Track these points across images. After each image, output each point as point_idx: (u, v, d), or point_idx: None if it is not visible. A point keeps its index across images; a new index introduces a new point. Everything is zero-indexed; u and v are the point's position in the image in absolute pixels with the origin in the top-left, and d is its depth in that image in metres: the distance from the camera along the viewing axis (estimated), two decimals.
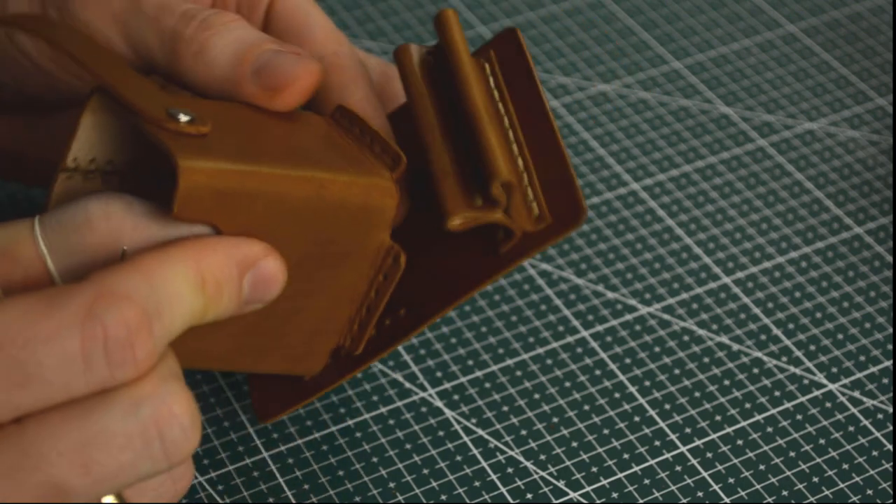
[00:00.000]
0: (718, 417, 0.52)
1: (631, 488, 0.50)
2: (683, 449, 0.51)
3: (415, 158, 0.49)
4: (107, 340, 0.36)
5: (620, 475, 0.50)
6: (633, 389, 0.53)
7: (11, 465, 0.36)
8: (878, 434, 0.52)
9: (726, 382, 0.53)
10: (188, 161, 0.40)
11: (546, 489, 0.50)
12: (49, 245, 0.39)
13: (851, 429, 0.52)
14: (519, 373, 0.54)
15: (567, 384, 0.53)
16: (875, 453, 0.51)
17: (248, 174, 0.41)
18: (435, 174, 0.44)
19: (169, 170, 0.46)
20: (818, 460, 0.51)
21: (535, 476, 0.50)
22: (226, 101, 0.45)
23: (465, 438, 0.51)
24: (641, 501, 0.50)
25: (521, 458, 0.51)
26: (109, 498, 0.38)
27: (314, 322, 0.46)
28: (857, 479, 0.50)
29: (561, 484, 0.50)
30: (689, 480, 0.50)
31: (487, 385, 0.53)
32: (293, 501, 0.49)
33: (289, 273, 0.44)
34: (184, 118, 0.41)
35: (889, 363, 0.54)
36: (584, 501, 0.50)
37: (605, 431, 0.52)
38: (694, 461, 0.51)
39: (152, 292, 0.37)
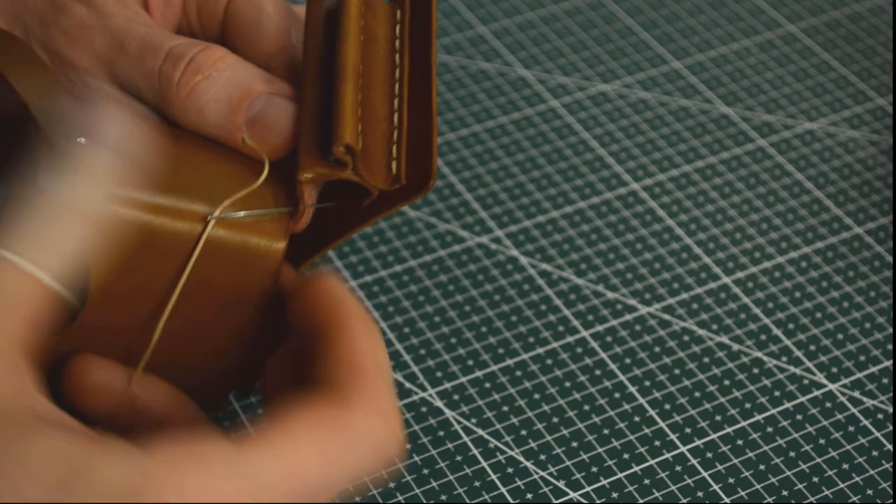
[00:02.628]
0: (718, 417, 0.52)
1: (631, 488, 0.50)
2: (683, 449, 0.51)
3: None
4: (384, 455, 0.39)
5: (620, 475, 0.50)
6: (633, 389, 0.53)
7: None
8: (878, 434, 0.52)
9: (726, 382, 0.53)
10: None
11: (546, 489, 0.50)
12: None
13: (851, 429, 0.52)
14: (519, 373, 0.54)
15: (567, 384, 0.53)
16: (875, 453, 0.51)
17: (124, 199, 0.41)
18: (300, 129, 0.44)
19: None
20: (818, 460, 0.51)
21: (535, 476, 0.50)
22: (162, 128, 0.45)
23: (465, 438, 0.51)
24: (641, 501, 0.50)
25: (521, 458, 0.51)
26: None
27: (201, 362, 0.46)
28: (857, 479, 0.50)
29: (561, 484, 0.50)
30: (689, 480, 0.50)
31: (487, 385, 0.53)
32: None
33: (171, 309, 0.43)
34: None
35: (889, 363, 0.54)
36: (584, 501, 0.50)
37: (605, 431, 0.52)
38: (694, 461, 0.51)
39: (392, 393, 0.40)
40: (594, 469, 0.51)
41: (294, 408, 0.38)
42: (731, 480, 0.50)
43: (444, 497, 0.49)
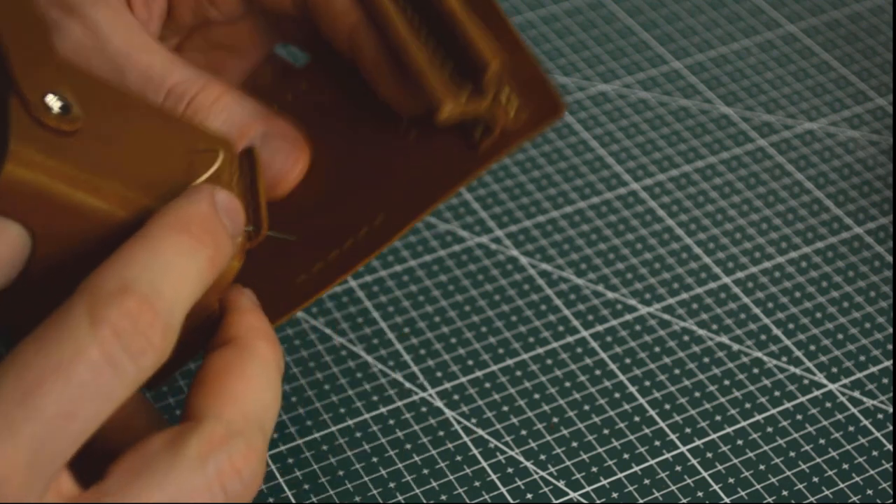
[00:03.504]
0: (718, 417, 0.52)
1: (631, 488, 0.50)
2: (683, 449, 0.51)
3: (360, 85, 0.48)
4: (119, 336, 0.36)
5: (620, 475, 0.50)
6: (633, 389, 0.53)
7: None
8: (878, 434, 0.52)
9: (726, 382, 0.53)
10: (23, 150, 0.38)
11: (546, 489, 0.50)
12: None
13: (851, 429, 0.52)
14: (519, 373, 0.54)
15: (567, 384, 0.53)
16: (875, 453, 0.51)
17: (81, 183, 0.39)
18: (416, 70, 0.43)
19: None
20: (818, 460, 0.51)
21: (535, 476, 0.50)
22: (132, 97, 0.43)
23: (465, 438, 0.51)
24: (641, 501, 0.50)
25: (521, 458, 0.51)
26: None
27: None
28: (857, 479, 0.50)
29: (561, 484, 0.50)
30: (689, 480, 0.50)
31: (487, 385, 0.53)
32: (293, 501, 0.49)
33: None
34: (56, 107, 0.39)
35: (889, 363, 0.54)
36: (584, 501, 0.50)
37: (605, 431, 0.52)
38: (694, 461, 0.51)
39: (143, 273, 0.37)
40: (594, 469, 0.51)
41: (135, 448, 0.38)
42: (731, 480, 0.50)
43: (444, 497, 0.49)
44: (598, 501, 0.50)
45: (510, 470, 0.50)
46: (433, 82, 0.43)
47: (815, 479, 0.50)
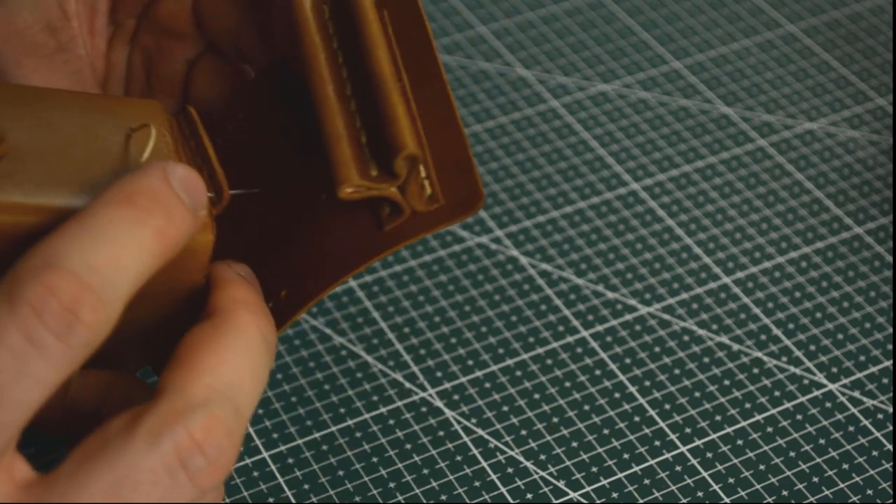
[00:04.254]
0: (718, 417, 0.52)
1: (631, 488, 0.50)
2: (683, 449, 0.51)
3: (302, 113, 0.44)
4: (41, 315, 0.34)
5: (620, 475, 0.50)
6: (633, 389, 0.53)
7: None
8: (878, 434, 0.52)
9: (726, 382, 0.53)
10: None
11: (546, 489, 0.50)
12: None
13: (851, 429, 0.52)
14: (519, 373, 0.54)
15: (567, 384, 0.53)
16: (875, 453, 0.51)
17: (26, 211, 0.38)
18: (327, 135, 0.40)
19: None
20: (818, 460, 0.51)
21: (535, 476, 0.50)
22: (51, 93, 0.41)
23: (465, 438, 0.51)
24: (641, 501, 0.50)
25: (521, 458, 0.51)
26: None
27: (120, 349, 0.44)
28: (857, 479, 0.50)
29: (561, 484, 0.50)
30: (689, 480, 0.50)
31: (487, 385, 0.53)
32: (293, 501, 0.49)
33: None
34: None
35: (889, 363, 0.54)
36: (584, 501, 0.50)
37: (605, 431, 0.52)
38: (694, 461, 0.51)
39: (71, 247, 0.35)
40: (594, 469, 0.51)
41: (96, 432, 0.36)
42: (731, 480, 0.50)
43: (444, 497, 0.49)
44: (598, 501, 0.50)
45: (510, 470, 0.50)
46: (340, 155, 0.40)
47: (815, 479, 0.50)
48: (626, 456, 0.51)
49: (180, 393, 0.37)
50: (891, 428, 0.52)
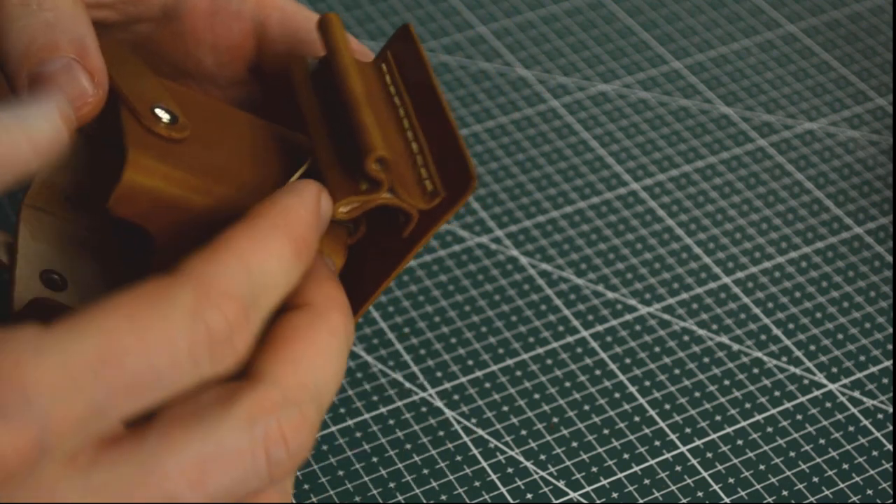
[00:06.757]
0: (718, 417, 0.52)
1: (631, 488, 0.50)
2: (683, 449, 0.51)
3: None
4: (211, 339, 0.36)
5: (620, 475, 0.50)
6: (633, 389, 0.53)
7: (129, 479, 0.35)
8: (878, 434, 0.52)
9: (726, 382, 0.53)
10: (140, 158, 0.40)
11: (546, 489, 0.50)
12: None
13: (851, 429, 0.52)
14: (519, 373, 0.54)
15: (567, 384, 0.53)
16: (875, 453, 0.51)
17: (193, 186, 0.41)
18: (321, 169, 0.43)
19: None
20: (818, 460, 0.51)
21: (535, 476, 0.50)
22: (221, 105, 0.45)
23: (465, 438, 0.51)
24: (641, 501, 0.50)
25: (521, 458, 0.51)
26: None
27: None
28: (857, 479, 0.50)
29: (561, 484, 0.50)
30: (689, 480, 0.50)
31: (487, 385, 0.53)
32: (293, 501, 0.49)
33: None
34: (165, 118, 0.41)
35: (889, 363, 0.54)
36: (584, 501, 0.50)
37: (605, 431, 0.52)
38: (694, 461, 0.51)
39: (249, 280, 0.37)
40: (594, 469, 0.51)
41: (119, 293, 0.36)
42: (731, 480, 0.50)
43: (444, 497, 0.49)
44: (598, 501, 0.50)
45: (510, 470, 0.50)
46: (331, 180, 0.42)
47: (815, 479, 0.50)
48: (626, 456, 0.51)
49: (277, 384, 0.38)
50: (891, 428, 0.52)
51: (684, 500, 0.50)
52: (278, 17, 0.48)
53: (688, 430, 0.52)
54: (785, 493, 0.50)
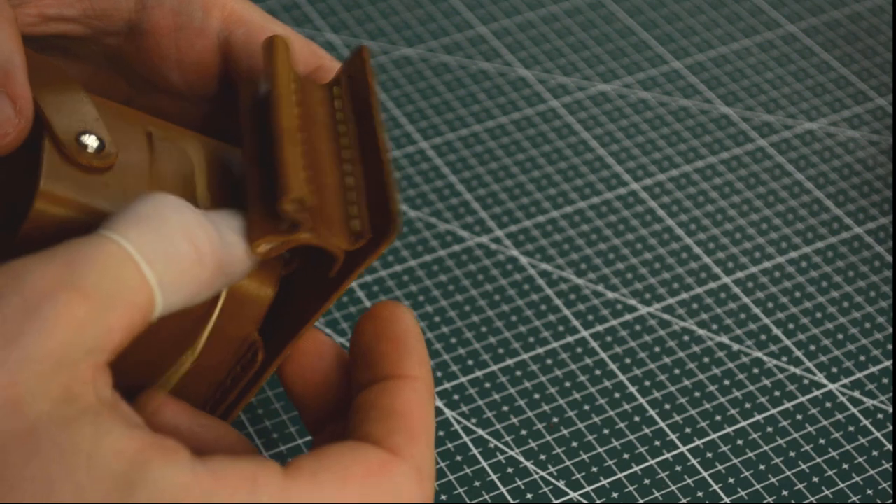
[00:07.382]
0: (718, 417, 0.52)
1: (631, 488, 0.50)
2: (683, 449, 0.51)
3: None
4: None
5: (620, 475, 0.50)
6: (633, 389, 0.53)
7: None
8: (878, 434, 0.52)
9: (726, 382, 0.53)
10: (52, 188, 0.39)
11: (546, 489, 0.50)
12: (152, 268, 0.38)
13: (851, 429, 0.52)
14: (519, 373, 0.54)
15: (567, 384, 0.53)
16: (875, 453, 0.51)
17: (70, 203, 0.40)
18: (247, 204, 0.42)
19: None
20: (818, 460, 0.51)
21: (535, 476, 0.50)
22: (177, 128, 0.44)
23: (465, 438, 0.51)
24: (641, 501, 0.50)
25: (521, 458, 0.51)
26: None
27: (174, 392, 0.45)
28: (857, 479, 0.50)
29: (561, 484, 0.50)
30: (689, 480, 0.50)
31: (487, 385, 0.53)
32: None
33: (144, 340, 0.42)
34: (93, 145, 0.41)
35: (889, 363, 0.54)
36: (584, 501, 0.50)
37: (605, 431, 0.52)
38: (694, 461, 0.51)
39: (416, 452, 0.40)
40: (594, 469, 0.51)
41: (345, 450, 0.38)
42: (731, 480, 0.50)
43: (444, 497, 0.49)
44: (598, 501, 0.50)
45: (510, 470, 0.50)
46: (252, 215, 0.41)
47: (815, 479, 0.50)
48: (626, 456, 0.51)
49: (412, 462, 0.40)
50: (891, 428, 0.52)
51: (684, 500, 0.50)
52: (243, 33, 0.47)
53: (688, 430, 0.52)
54: (785, 493, 0.50)
